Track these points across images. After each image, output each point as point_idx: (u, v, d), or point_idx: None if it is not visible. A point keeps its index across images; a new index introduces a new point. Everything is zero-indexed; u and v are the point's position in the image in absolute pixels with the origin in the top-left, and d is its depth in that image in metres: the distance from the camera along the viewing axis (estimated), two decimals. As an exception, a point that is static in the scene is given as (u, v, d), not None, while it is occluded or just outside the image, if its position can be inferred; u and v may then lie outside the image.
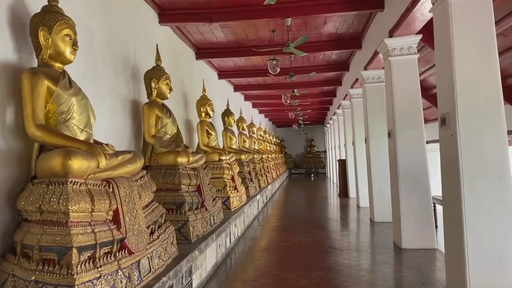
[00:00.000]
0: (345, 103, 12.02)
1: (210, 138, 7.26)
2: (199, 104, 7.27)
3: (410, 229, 5.57)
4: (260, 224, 7.86)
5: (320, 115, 21.78)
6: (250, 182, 9.01)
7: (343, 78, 11.83)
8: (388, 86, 5.98)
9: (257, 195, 9.15)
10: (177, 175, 4.46)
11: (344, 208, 10.08)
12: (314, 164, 27.58)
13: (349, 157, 11.89)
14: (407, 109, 5.67)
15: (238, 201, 6.96)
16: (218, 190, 6.63)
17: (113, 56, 4.58)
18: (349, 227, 7.41)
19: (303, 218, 8.46)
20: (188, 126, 7.50)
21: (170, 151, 4.68)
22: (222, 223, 5.37)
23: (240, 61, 9.47)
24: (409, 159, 5.61)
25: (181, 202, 4.37)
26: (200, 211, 4.63)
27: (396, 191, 5.76)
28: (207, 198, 4.94)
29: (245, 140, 11.39)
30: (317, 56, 9.36)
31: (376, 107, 7.80)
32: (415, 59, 5.73)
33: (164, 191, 4.50)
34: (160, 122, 4.87)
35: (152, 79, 4.92)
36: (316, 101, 16.60)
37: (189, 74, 7.83)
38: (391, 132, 5.86)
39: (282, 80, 11.71)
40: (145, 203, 3.32)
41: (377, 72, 7.81)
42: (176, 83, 6.92)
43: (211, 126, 7.36)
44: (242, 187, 7.71)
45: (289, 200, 12.29)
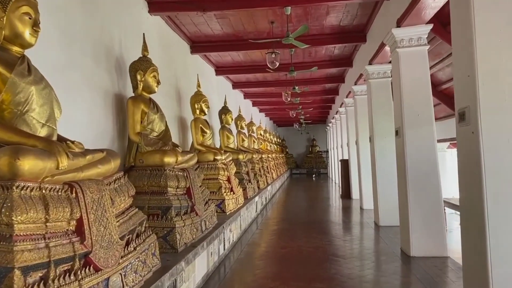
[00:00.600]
0: (348, 101, 11.58)
1: (205, 137, 6.83)
2: (193, 100, 6.84)
3: (420, 235, 5.13)
4: (258, 227, 7.42)
5: (322, 114, 21.32)
6: (248, 183, 8.57)
7: (346, 74, 11.38)
8: (395, 81, 5.53)
9: (256, 197, 8.72)
10: (163, 177, 4.02)
11: (346, 210, 9.64)
12: (316, 164, 27.12)
13: (352, 157, 11.44)
14: (416, 105, 5.22)
15: (234, 204, 6.52)
16: (213, 192, 6.19)
17: (94, 45, 4.15)
18: (352, 232, 6.96)
19: (304, 221, 8.02)
20: (182, 124, 7.07)
21: (156, 150, 4.24)
22: (215, 228, 4.94)
23: (238, 56, 9.03)
24: (419, 159, 5.17)
25: (167, 207, 3.94)
26: (189, 216, 4.19)
27: (404, 194, 5.32)
28: (198, 201, 4.50)
29: (243, 139, 10.95)
30: (318, 51, 8.92)
31: (382, 104, 7.36)
32: (425, 50, 5.28)
33: (149, 194, 4.07)
34: (146, 118, 4.44)
35: (138, 71, 4.49)
36: (318, 99, 16.16)
37: (184, 68, 7.40)
38: (399, 130, 5.41)
39: (283, 77, 11.28)
40: (120, 209, 2.89)
41: (383, 67, 7.36)
42: (169, 78, 6.50)
43: (206, 124, 6.93)
44: (239, 189, 7.28)
45: (290, 202, 11.85)
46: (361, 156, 9.41)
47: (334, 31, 7.50)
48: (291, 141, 28.62)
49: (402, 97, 5.26)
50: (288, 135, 28.49)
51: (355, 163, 11.00)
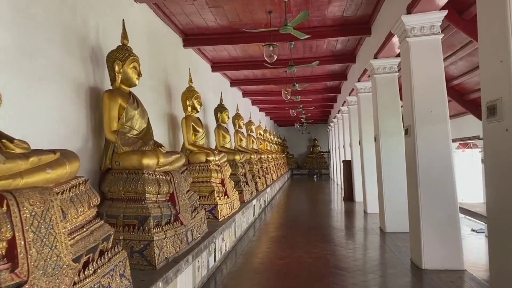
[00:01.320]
0: (351, 99, 11.04)
1: (197, 136, 6.31)
2: (184, 96, 6.32)
3: (433, 245, 4.60)
4: (255, 234, 6.89)
5: (323, 113, 20.77)
6: (245, 185, 8.05)
7: (348, 71, 10.85)
8: (405, 74, 5.00)
9: (253, 200, 8.19)
10: (140, 181, 3.50)
11: (349, 214, 9.10)
12: (317, 165, 26.56)
13: (355, 158, 10.90)
14: (429, 100, 4.69)
15: (228, 209, 6.00)
16: (204, 196, 5.67)
17: (64, 30, 3.63)
18: (356, 239, 6.42)
19: (305, 226, 7.49)
20: (173, 122, 6.55)
21: (133, 151, 3.72)
22: (204, 238, 4.41)
23: (234, 50, 8.51)
24: (432, 160, 4.64)
25: (145, 216, 3.41)
26: (172, 226, 3.67)
27: (414, 198, 4.79)
28: (184, 208, 3.98)
29: (241, 139, 10.42)
30: (320, 45, 8.39)
31: (388, 101, 6.83)
32: (438, 40, 4.75)
33: (125, 202, 3.55)
34: (125, 114, 3.92)
35: (116, 61, 3.97)
36: (319, 98, 15.62)
37: (175, 63, 6.88)
38: (409, 128, 4.88)
39: (282, 74, 10.74)
40: (77, 224, 2.36)
41: (389, 61, 6.83)
42: (157, 72, 5.99)
43: (199, 122, 6.41)
44: (235, 192, 6.75)
45: (290, 205, 11.31)
46: (365, 157, 8.88)
47: (336, 23, 6.97)
48: (292, 141, 28.07)
49: (413, 92, 4.73)
50: (289, 135, 27.95)
51: (358, 164, 10.46)
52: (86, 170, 3.82)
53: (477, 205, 6.70)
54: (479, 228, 7.42)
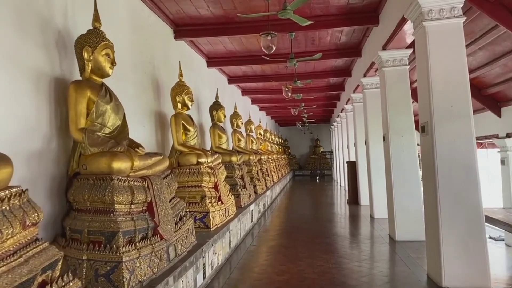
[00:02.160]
0: (356, 97, 10.43)
1: (188, 136, 5.72)
2: (174, 92, 5.73)
3: (454, 260, 4.00)
4: (252, 243, 6.29)
5: (326, 112, 20.15)
6: (242, 189, 7.45)
7: (353, 67, 10.23)
8: (421, 64, 4.39)
9: (251, 205, 7.60)
10: (108, 189, 2.90)
11: (355, 219, 8.49)
12: (320, 166, 25.91)
13: (360, 159, 10.29)
14: (449, 93, 4.09)
15: (222, 216, 5.40)
16: (194, 203, 5.08)
17: (18, 10, 3.04)
18: (364, 249, 5.81)
19: (307, 234, 6.88)
20: (161, 120, 5.96)
21: (102, 153, 3.13)
22: (191, 252, 3.82)
23: (231, 44, 7.92)
24: (453, 162, 4.04)
25: (113, 232, 2.82)
26: (149, 242, 3.08)
27: (432, 205, 4.18)
28: (165, 220, 3.38)
29: (240, 139, 9.83)
30: (323, 38, 7.79)
31: (398, 96, 6.23)
32: (460, 24, 4.14)
33: (91, 213, 2.96)
34: (95, 109, 3.33)
35: (85, 47, 3.39)
36: (322, 96, 15.01)
37: (165, 56, 6.29)
38: (426, 126, 4.28)
39: (283, 70, 10.14)
40: (4, 249, 1.77)
41: (400, 53, 6.23)
42: (143, 65, 5.41)
43: (190, 120, 5.82)
44: (231, 197, 6.16)
45: (291, 208, 10.69)
46: (372, 158, 8.28)
47: (341, 11, 6.36)
48: (294, 142, 27.46)
49: (431, 84, 4.13)
50: (291, 135, 27.33)
51: (364, 165, 9.87)
52: (50, 175, 3.24)
53: (497, 211, 6.08)
54: (497, 236, 6.81)
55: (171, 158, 5.58)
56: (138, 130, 5.10)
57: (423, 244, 5.86)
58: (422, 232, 6.03)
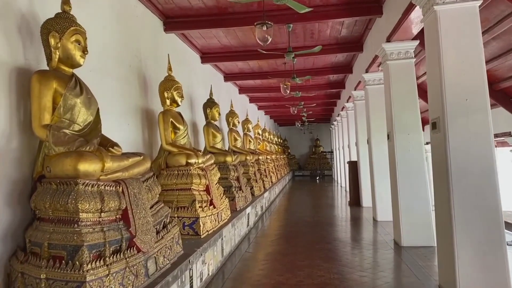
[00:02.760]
0: (357, 94, 10.01)
1: (178, 134, 5.30)
2: (162, 87, 5.31)
3: (471, 270, 3.58)
4: (248, 250, 5.86)
5: (325, 111, 19.73)
6: (238, 191, 7.03)
7: (354, 62, 9.81)
8: (432, 54, 3.97)
9: (248, 208, 7.17)
10: (72, 195, 2.48)
11: (357, 222, 8.06)
12: (320, 166, 25.48)
13: (362, 159, 9.88)
14: (464, 85, 3.67)
15: (214, 222, 4.98)
16: (182, 207, 4.66)
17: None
18: (368, 256, 5.39)
19: (306, 239, 6.46)
20: (149, 118, 5.54)
21: (67, 153, 2.70)
22: (175, 264, 3.39)
23: (225, 38, 7.49)
24: (468, 161, 3.62)
25: (76, 246, 2.40)
26: (122, 256, 2.66)
27: (445, 209, 3.76)
28: (143, 229, 2.96)
29: (236, 138, 9.40)
30: (322, 31, 7.37)
31: (404, 91, 5.81)
32: (475, 9, 3.72)
33: (52, 224, 2.54)
34: (62, 102, 2.91)
35: (51, 32, 2.97)
36: (322, 94, 14.60)
37: (154, 49, 5.87)
38: (437, 122, 3.85)
39: (281, 66, 9.74)
40: None
41: (405, 45, 5.81)
42: (128, 58, 5.00)
43: (179, 117, 5.40)
44: (225, 200, 5.74)
45: (290, 211, 10.25)
46: (375, 157, 7.86)
47: (342, 1, 5.94)
48: (293, 141, 27.02)
49: (443, 75, 3.71)
50: (290, 135, 26.89)
51: (366, 165, 9.46)
52: (10, 178, 2.82)
53: (511, 214, 5.67)
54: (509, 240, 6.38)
55: (159, 159, 5.16)
56: (122, 129, 4.69)
57: (431, 250, 5.47)
58: (430, 237, 5.66)
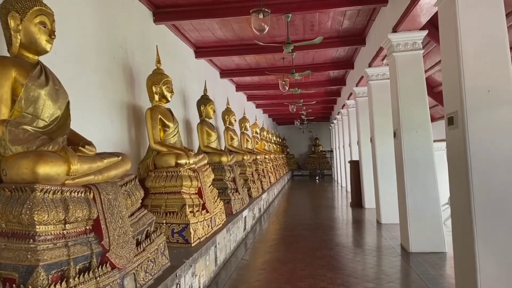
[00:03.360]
0: (359, 90, 9.59)
1: (167, 132, 4.88)
2: (150, 82, 4.88)
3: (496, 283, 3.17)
4: (244, 257, 5.44)
5: (325, 109, 19.32)
6: (234, 193, 6.61)
7: (356, 57, 9.39)
8: (448, 38, 3.55)
9: (244, 210, 6.75)
10: (27, 205, 2.05)
11: (359, 225, 7.65)
12: (319, 165, 25.07)
13: (364, 158, 9.48)
14: (486, 75, 3.26)
15: (207, 228, 4.56)
16: (172, 212, 4.24)
17: None
18: (374, 265, 4.96)
19: (307, 245, 6.04)
20: (136, 115, 5.11)
21: (25, 153, 2.28)
22: (160, 280, 2.97)
23: (220, 30, 7.06)
24: (492, 159, 3.21)
25: (30, 266, 1.97)
26: (92, 275, 2.23)
27: (465, 215, 3.35)
28: (120, 242, 2.54)
29: (233, 137, 8.98)
30: (323, 23, 6.94)
31: (412, 85, 5.40)
32: (497, -12, 3.32)
33: (5, 239, 2.11)
34: (23, 94, 2.48)
35: (11, 13, 2.54)
36: (321, 91, 14.19)
37: (141, 41, 5.44)
38: (454, 116, 3.44)
39: (279, 62, 9.33)
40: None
41: (413, 35, 5.40)
42: (112, 49, 4.57)
43: (169, 114, 4.98)
44: (219, 203, 5.32)
45: (290, 213, 9.82)
46: (379, 156, 7.44)
47: (344, -11, 5.54)
48: (292, 141, 26.60)
49: (462, 64, 3.29)
50: (289, 134, 26.48)
51: (368, 164, 9.06)
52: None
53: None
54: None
55: (148, 159, 4.74)
56: (104, 126, 4.27)
57: (441, 257, 5.06)
58: (440, 242, 5.25)
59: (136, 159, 4.92)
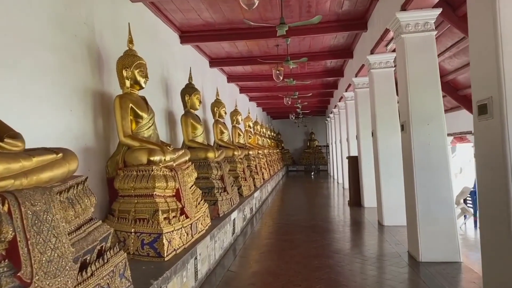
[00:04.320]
0: (358, 81, 8.93)
1: (140, 124, 4.18)
2: (120, 65, 4.18)
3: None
4: (230, 268, 4.75)
5: (321, 103, 18.65)
6: (221, 193, 5.94)
7: (355, 46, 8.70)
8: (480, 10, 2.88)
9: (234, 212, 6.08)
10: None
11: (360, 228, 7.00)
12: (315, 161, 24.44)
13: (364, 153, 8.84)
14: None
15: (185, 236, 3.88)
16: (142, 219, 3.55)
17: None
18: (382, 278, 4.30)
19: (302, 252, 5.38)
20: (105, 104, 4.39)
21: None
22: (114, 313, 2.29)
23: (207, 12, 6.33)
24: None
25: None
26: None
27: (501, 221, 2.70)
28: (48, 272, 1.83)
29: (223, 131, 8.29)
30: (321, 3, 6.23)
31: (423, 70, 4.74)
32: None
33: None
34: None
35: None
36: (318, 83, 13.51)
37: (112, 19, 4.71)
38: (489, 104, 2.76)
39: (273, 50, 8.64)
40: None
41: (424, 14, 4.73)
42: (75, 27, 3.86)
43: (143, 103, 4.27)
44: (202, 206, 4.64)
45: (284, 212, 9.13)
46: (381, 152, 6.80)
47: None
48: (287, 135, 25.93)
49: (500, 40, 2.62)
50: (284, 128, 25.79)
51: (368, 160, 8.45)
52: None
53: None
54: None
55: (117, 156, 4.06)
56: (62, 116, 3.56)
57: (456, 268, 4.43)
58: (455, 251, 4.61)
59: (105, 156, 4.22)
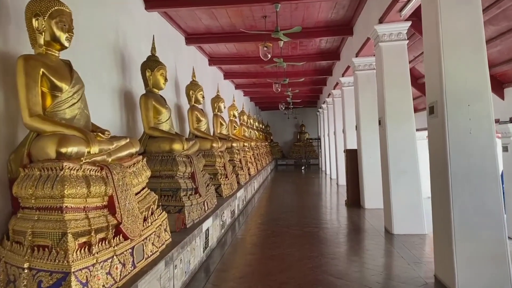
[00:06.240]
0: (359, 62, 7.66)
1: (59, 100, 2.83)
2: (29, 12, 2.80)
3: None
4: None
5: (313, 92, 17.36)
6: (191, 196, 4.61)
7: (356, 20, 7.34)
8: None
9: (207, 220, 4.74)
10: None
11: (364, 237, 5.70)
12: (305, 154, 23.19)
13: (365, 146, 7.62)
14: None
15: (119, 271, 2.53)
16: (39, 248, 2.20)
17: None
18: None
19: (294, 277, 4.08)
20: (7, 70, 3.02)
21: None
22: None
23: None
24: None
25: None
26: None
27: None
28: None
29: (200, 119, 6.96)
30: None
31: (461, 31, 3.42)
32: None
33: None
34: None
35: None
36: (310, 69, 12.21)
37: None
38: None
39: (260, 23, 7.30)
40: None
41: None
42: None
43: (64, 69, 2.92)
44: (157, 217, 3.30)
45: (272, 216, 7.69)
46: (391, 145, 5.53)
47: None
48: (277, 127, 24.64)
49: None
50: (273, 120, 24.48)
51: (370, 154, 7.28)
52: None
53: None
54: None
55: (24, 147, 2.69)
56: None
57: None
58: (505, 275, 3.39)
59: (8, 147, 2.86)
